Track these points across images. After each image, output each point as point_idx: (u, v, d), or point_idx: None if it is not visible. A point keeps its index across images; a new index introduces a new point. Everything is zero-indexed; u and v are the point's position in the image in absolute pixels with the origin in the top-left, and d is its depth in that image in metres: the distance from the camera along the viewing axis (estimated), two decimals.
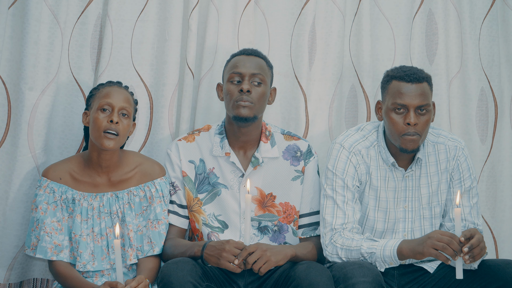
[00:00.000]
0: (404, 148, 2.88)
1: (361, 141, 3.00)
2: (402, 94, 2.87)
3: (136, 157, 3.02)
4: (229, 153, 3.01)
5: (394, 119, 2.88)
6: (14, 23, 3.16)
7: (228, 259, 2.74)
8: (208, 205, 3.02)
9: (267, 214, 3.03)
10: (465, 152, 3.02)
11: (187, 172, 3.03)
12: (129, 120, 2.91)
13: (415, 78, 2.88)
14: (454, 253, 2.68)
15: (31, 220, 2.91)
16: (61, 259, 2.88)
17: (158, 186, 2.98)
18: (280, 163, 3.05)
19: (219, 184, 3.02)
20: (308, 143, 3.09)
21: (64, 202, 2.91)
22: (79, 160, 2.97)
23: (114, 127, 2.86)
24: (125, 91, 2.95)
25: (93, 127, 2.88)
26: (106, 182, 2.95)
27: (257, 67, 2.99)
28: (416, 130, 2.87)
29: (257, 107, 2.96)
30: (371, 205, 2.98)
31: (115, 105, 2.88)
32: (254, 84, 2.97)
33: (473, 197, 3.02)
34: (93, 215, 2.92)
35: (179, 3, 3.30)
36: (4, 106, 3.16)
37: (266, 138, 3.04)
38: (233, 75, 2.98)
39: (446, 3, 3.50)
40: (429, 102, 2.89)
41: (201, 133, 3.08)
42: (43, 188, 2.91)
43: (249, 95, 2.93)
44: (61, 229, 2.89)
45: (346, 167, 2.96)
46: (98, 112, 2.88)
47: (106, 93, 2.91)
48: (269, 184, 3.04)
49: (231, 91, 2.96)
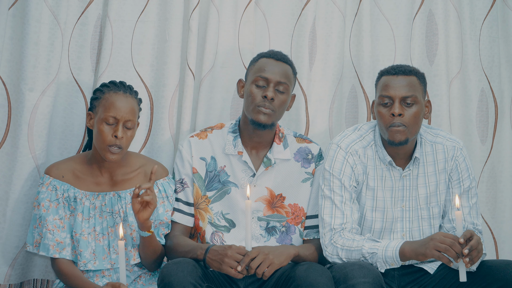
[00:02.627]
0: (391, 140, 2.89)
1: (358, 141, 3.00)
2: (387, 86, 2.90)
3: (140, 158, 3.02)
4: (242, 152, 3.01)
5: (381, 112, 2.90)
6: (14, 24, 3.16)
7: (230, 264, 2.73)
8: (216, 203, 3.01)
9: (276, 215, 3.04)
10: (463, 152, 3.02)
11: (198, 169, 3.03)
12: (132, 131, 2.90)
13: (401, 71, 2.90)
14: (456, 255, 2.68)
15: (33, 218, 2.91)
16: (63, 256, 2.88)
17: (161, 186, 2.98)
18: (291, 164, 3.06)
19: (229, 183, 3.02)
20: (319, 147, 3.11)
21: (66, 200, 2.91)
22: (82, 159, 2.97)
23: (118, 142, 2.85)
24: (131, 99, 2.90)
25: (98, 138, 2.87)
26: (109, 181, 2.95)
27: (284, 75, 2.97)
28: (402, 121, 2.87)
29: (277, 115, 2.98)
30: (368, 205, 2.98)
31: (120, 119, 2.86)
32: (278, 91, 2.96)
33: (472, 197, 3.02)
34: (95, 214, 2.92)
35: (179, 3, 3.30)
36: (4, 106, 3.16)
37: (279, 140, 3.05)
38: (258, 79, 2.96)
39: (446, 3, 3.50)
40: (415, 94, 2.88)
41: (214, 130, 3.08)
42: (45, 186, 2.90)
43: (271, 103, 2.93)
44: (63, 226, 2.89)
45: (343, 167, 2.96)
46: (103, 124, 2.85)
47: (112, 103, 2.86)
48: (280, 185, 3.04)
49: (254, 94, 2.95)
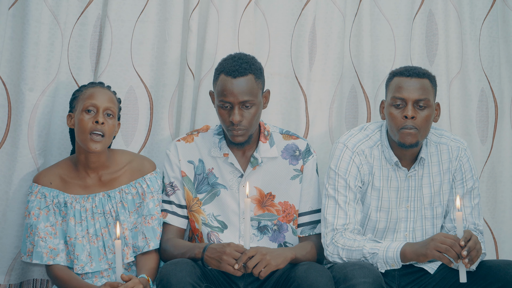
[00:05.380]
0: (402, 143, 2.88)
1: (365, 140, 3.00)
2: (401, 88, 2.89)
3: (125, 155, 3.02)
4: (228, 154, 3.01)
5: (393, 113, 2.89)
6: (14, 24, 3.15)
7: (228, 262, 2.72)
8: (208, 205, 3.01)
9: (267, 214, 3.03)
10: (467, 153, 3.02)
11: (186, 172, 3.03)
12: (114, 120, 2.90)
13: (415, 73, 2.89)
14: (457, 256, 2.67)
15: (25, 227, 2.91)
16: (57, 263, 2.88)
17: (149, 181, 2.97)
18: (279, 162, 3.05)
19: (218, 185, 3.02)
20: (307, 142, 3.09)
21: (56, 206, 2.91)
22: (68, 163, 2.97)
23: (100, 128, 2.85)
24: (108, 91, 2.94)
25: (79, 129, 2.87)
26: (97, 182, 2.94)
27: (245, 92, 2.88)
28: (414, 124, 2.87)
29: (251, 129, 2.92)
30: (373, 206, 2.98)
31: (99, 106, 2.87)
32: (244, 108, 2.89)
33: (475, 197, 3.02)
34: (87, 216, 2.92)
35: (179, 3, 3.29)
36: (4, 107, 3.16)
37: (265, 138, 3.04)
38: (221, 102, 2.89)
39: (446, 3, 3.50)
40: (428, 97, 2.89)
41: (199, 133, 3.08)
42: (34, 194, 2.91)
43: (240, 124, 2.88)
44: (55, 233, 2.89)
45: (349, 167, 2.96)
46: (83, 113, 2.86)
47: (90, 94, 2.89)
48: (268, 183, 3.03)
49: (223, 116, 2.90)
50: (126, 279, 2.68)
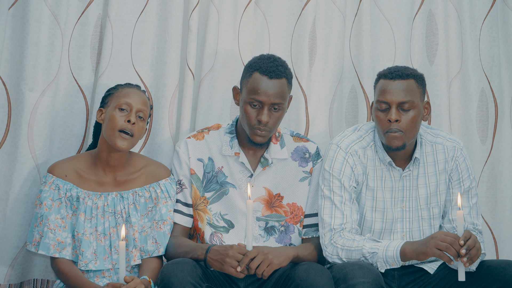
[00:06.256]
0: (388, 146, 2.89)
1: (358, 141, 3.00)
2: (384, 92, 2.88)
3: (143, 159, 3.03)
4: (239, 153, 3.01)
5: (379, 116, 2.89)
6: (14, 24, 3.16)
7: (231, 264, 2.73)
8: (215, 204, 3.01)
9: (274, 214, 3.03)
10: (463, 153, 3.02)
11: (195, 170, 3.03)
12: (144, 123, 2.93)
13: (398, 75, 2.88)
14: (456, 254, 2.67)
15: (35, 216, 2.91)
16: (63, 256, 2.88)
17: (164, 187, 2.98)
18: (288, 164, 3.06)
19: (227, 183, 3.02)
20: (316, 145, 3.10)
21: (68, 200, 2.91)
22: (86, 158, 2.97)
23: (130, 127, 2.87)
24: (144, 95, 2.96)
25: (109, 125, 2.88)
26: (112, 181, 2.95)
27: (278, 94, 2.90)
28: (399, 127, 2.86)
29: (273, 132, 2.96)
30: (368, 206, 2.98)
31: (133, 106, 2.89)
32: (273, 110, 2.91)
33: (473, 197, 3.01)
34: (97, 214, 2.92)
35: (179, 3, 3.30)
36: (4, 107, 3.16)
37: (276, 139, 3.05)
38: (252, 100, 2.90)
39: (446, 3, 3.50)
40: (412, 99, 2.87)
41: (210, 131, 3.08)
42: (48, 184, 2.90)
43: (266, 124, 2.90)
44: (64, 226, 2.89)
45: (342, 167, 2.96)
46: (116, 110, 2.88)
47: (126, 93, 2.92)
48: (278, 184, 3.04)
49: (249, 114, 2.91)
50: (128, 280, 2.69)
